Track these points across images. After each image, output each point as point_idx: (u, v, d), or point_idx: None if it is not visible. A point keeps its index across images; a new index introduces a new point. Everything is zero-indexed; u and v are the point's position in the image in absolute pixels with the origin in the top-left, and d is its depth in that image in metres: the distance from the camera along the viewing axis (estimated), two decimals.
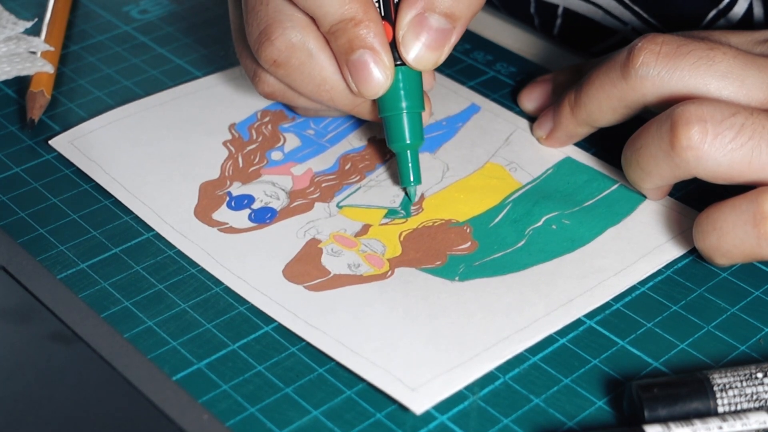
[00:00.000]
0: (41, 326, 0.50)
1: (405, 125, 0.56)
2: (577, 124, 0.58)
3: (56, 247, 0.55)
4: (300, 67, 0.55)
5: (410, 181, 0.57)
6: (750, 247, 0.50)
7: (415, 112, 0.56)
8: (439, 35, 0.54)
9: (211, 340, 0.50)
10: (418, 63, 0.55)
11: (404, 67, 0.55)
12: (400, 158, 0.57)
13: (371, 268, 0.53)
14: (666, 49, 0.53)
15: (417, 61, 0.55)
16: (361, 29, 0.54)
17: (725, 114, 0.50)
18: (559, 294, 0.52)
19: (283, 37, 0.55)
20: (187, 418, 0.46)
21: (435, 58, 0.55)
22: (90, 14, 0.72)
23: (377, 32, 0.54)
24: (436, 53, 0.55)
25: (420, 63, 0.55)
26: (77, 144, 0.61)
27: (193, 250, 0.54)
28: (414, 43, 0.54)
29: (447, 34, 0.54)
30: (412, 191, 0.57)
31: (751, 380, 0.46)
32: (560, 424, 0.46)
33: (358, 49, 0.54)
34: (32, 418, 0.47)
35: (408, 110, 0.56)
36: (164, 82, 0.66)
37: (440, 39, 0.54)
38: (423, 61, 0.55)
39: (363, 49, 0.54)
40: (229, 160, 0.60)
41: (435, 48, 0.55)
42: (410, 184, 0.57)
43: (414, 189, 0.57)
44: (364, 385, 0.48)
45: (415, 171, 0.57)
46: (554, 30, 0.69)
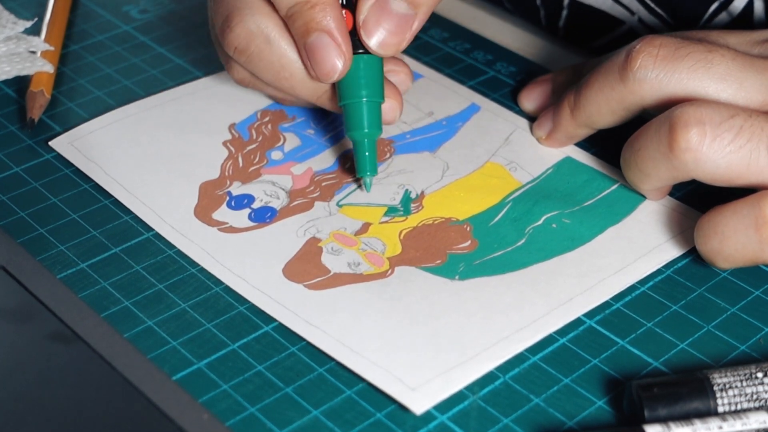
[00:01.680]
0: (41, 326, 0.50)
1: (364, 114, 0.56)
2: (576, 125, 0.58)
3: (56, 247, 0.55)
4: (259, 54, 0.56)
5: (366, 171, 0.57)
6: (752, 252, 0.50)
7: (375, 101, 0.56)
8: (401, 21, 0.55)
9: (211, 340, 0.50)
10: (379, 48, 0.55)
11: (365, 56, 0.55)
12: (358, 147, 0.57)
13: (371, 267, 0.53)
14: (664, 51, 0.53)
15: (379, 46, 0.55)
16: (317, 12, 0.54)
17: (724, 116, 0.50)
18: (559, 293, 0.52)
19: (242, 24, 0.55)
20: (187, 418, 0.46)
21: (397, 44, 0.55)
22: (90, 14, 0.72)
23: (334, 15, 0.54)
24: (397, 38, 0.55)
25: (382, 48, 0.55)
26: (77, 145, 0.61)
27: (193, 250, 0.54)
28: (375, 28, 0.54)
29: (409, 19, 0.55)
30: (368, 182, 0.57)
31: (751, 380, 0.46)
32: (560, 424, 0.47)
33: (314, 31, 0.54)
34: (32, 418, 0.47)
35: (367, 99, 0.56)
36: (164, 82, 0.66)
37: (402, 24, 0.55)
38: (385, 47, 0.55)
39: (319, 32, 0.54)
40: (229, 160, 0.60)
41: (397, 33, 0.55)
42: (366, 174, 0.57)
43: (370, 180, 0.57)
44: (364, 385, 0.48)
45: (372, 161, 0.57)
46: (560, 22, 0.69)
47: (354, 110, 0.56)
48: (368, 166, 0.57)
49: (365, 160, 0.56)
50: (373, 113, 0.56)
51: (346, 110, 0.56)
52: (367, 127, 0.56)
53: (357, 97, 0.56)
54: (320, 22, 0.54)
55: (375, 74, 0.56)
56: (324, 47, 0.54)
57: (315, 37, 0.54)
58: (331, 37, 0.54)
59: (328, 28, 0.54)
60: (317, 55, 0.54)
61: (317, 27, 0.54)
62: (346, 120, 0.56)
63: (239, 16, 0.55)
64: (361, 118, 0.56)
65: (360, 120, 0.56)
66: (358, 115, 0.56)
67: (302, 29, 0.54)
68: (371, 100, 0.56)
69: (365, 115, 0.56)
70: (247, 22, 0.55)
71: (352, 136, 0.56)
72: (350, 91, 0.56)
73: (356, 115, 0.56)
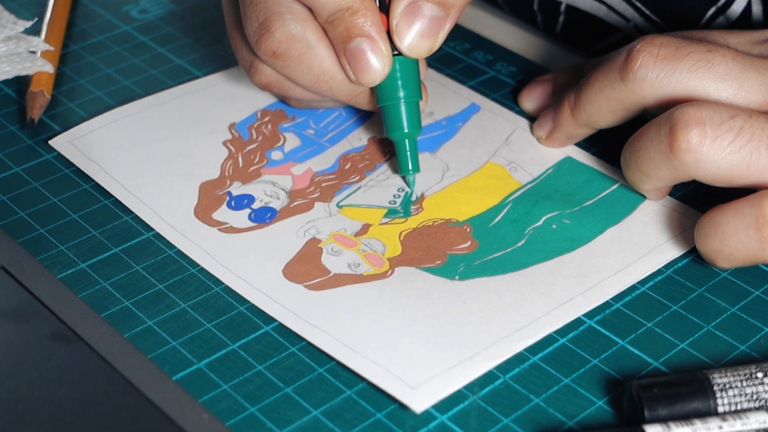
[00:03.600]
0: (41, 326, 0.50)
1: (403, 114, 0.56)
2: (576, 125, 0.58)
3: (56, 247, 0.55)
4: (299, 58, 0.56)
5: (409, 169, 0.57)
6: (752, 251, 0.50)
7: (413, 101, 0.57)
8: (433, 23, 0.55)
9: (211, 340, 0.50)
10: (411, 51, 0.55)
11: (401, 57, 0.56)
12: (399, 147, 0.57)
13: (371, 268, 0.53)
14: (664, 51, 0.53)
15: (411, 49, 0.55)
16: (358, 18, 0.54)
17: (724, 116, 0.50)
18: (559, 293, 0.52)
19: (283, 28, 0.55)
20: (187, 418, 0.46)
21: (429, 46, 0.55)
22: (90, 14, 0.72)
23: (374, 21, 0.54)
24: (429, 41, 0.55)
25: (414, 51, 0.55)
26: (77, 144, 0.61)
27: (193, 250, 0.54)
28: (407, 31, 0.55)
29: (440, 21, 0.55)
30: (411, 180, 0.58)
31: (751, 380, 0.46)
32: (560, 424, 0.47)
33: (355, 37, 0.54)
34: (32, 418, 0.47)
35: (405, 99, 0.56)
36: (164, 82, 0.66)
37: (434, 27, 0.55)
38: (417, 49, 0.55)
39: (360, 38, 0.54)
40: (229, 160, 0.60)
41: (428, 36, 0.55)
42: (409, 172, 0.58)
43: (413, 177, 0.58)
44: (364, 384, 0.48)
45: (414, 159, 0.57)
46: (557, 27, 0.69)
47: (393, 111, 0.57)
48: (411, 164, 0.57)
49: (407, 159, 0.57)
50: (412, 113, 0.57)
51: (386, 112, 0.57)
52: (407, 127, 0.57)
53: (395, 99, 0.56)
54: (362, 28, 0.54)
55: (411, 74, 0.56)
56: (365, 52, 0.55)
57: (357, 42, 0.54)
58: (372, 42, 0.54)
59: (369, 34, 0.54)
60: (359, 61, 0.55)
61: (359, 33, 0.54)
62: (386, 121, 0.57)
63: (280, 20, 0.55)
64: (400, 120, 0.57)
65: (399, 121, 0.57)
66: (397, 116, 0.57)
67: (344, 35, 0.55)
68: (409, 100, 0.56)
69: (404, 115, 0.57)
70: (289, 26, 0.55)
71: (394, 137, 0.57)
72: (389, 93, 0.56)
73: (395, 116, 0.57)
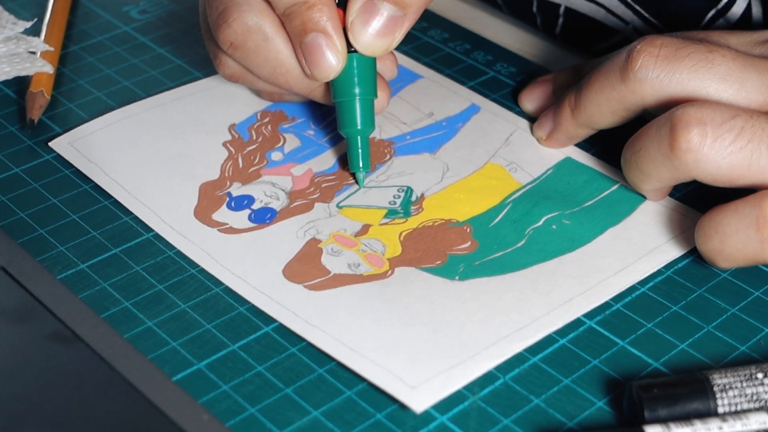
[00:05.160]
0: (41, 326, 0.50)
1: (357, 111, 0.57)
2: (577, 125, 0.58)
3: (56, 247, 0.55)
4: (256, 50, 0.56)
5: (359, 167, 0.58)
6: (753, 251, 0.50)
7: (368, 98, 0.57)
8: (389, 22, 0.55)
9: (211, 341, 0.50)
10: (366, 49, 0.55)
11: (358, 54, 0.56)
12: (351, 144, 0.58)
13: (371, 268, 0.53)
14: (665, 51, 0.53)
15: (366, 47, 0.55)
16: (314, 12, 0.54)
17: (725, 117, 0.50)
18: (559, 293, 0.52)
19: (240, 19, 0.56)
20: (187, 418, 0.46)
21: (385, 45, 0.55)
22: (90, 14, 0.72)
23: (330, 16, 0.55)
24: (386, 40, 0.55)
25: (369, 49, 0.55)
26: (77, 145, 0.61)
27: (193, 251, 0.54)
28: (363, 29, 0.55)
29: (397, 21, 0.55)
30: (361, 177, 0.58)
31: (751, 380, 0.46)
32: (560, 424, 0.47)
33: (311, 31, 0.55)
34: (32, 418, 0.47)
35: (361, 96, 0.57)
36: (164, 83, 0.66)
37: (390, 26, 0.55)
38: (372, 48, 0.55)
39: (316, 32, 0.55)
40: (229, 161, 0.60)
41: (384, 35, 0.55)
42: (359, 170, 0.58)
43: (363, 175, 0.58)
44: (364, 385, 0.48)
45: (365, 157, 0.58)
46: (556, 29, 0.69)
47: (347, 108, 0.57)
48: (362, 161, 0.58)
49: (358, 156, 0.58)
50: (366, 110, 0.57)
51: (340, 107, 0.57)
52: (360, 124, 0.57)
53: (350, 96, 0.57)
54: (317, 23, 0.54)
55: (368, 71, 0.57)
56: (320, 47, 0.55)
57: (312, 37, 0.55)
58: (327, 37, 0.55)
59: (325, 29, 0.54)
60: (314, 55, 0.55)
61: (314, 27, 0.54)
62: (339, 117, 0.57)
63: (237, 11, 0.56)
64: (353, 116, 0.57)
65: (353, 118, 0.57)
66: (351, 113, 0.57)
67: (299, 29, 0.55)
68: (364, 97, 0.57)
69: (358, 112, 0.57)
70: (245, 18, 0.55)
71: (346, 133, 0.57)
72: (343, 89, 0.57)
73: (349, 112, 0.57)
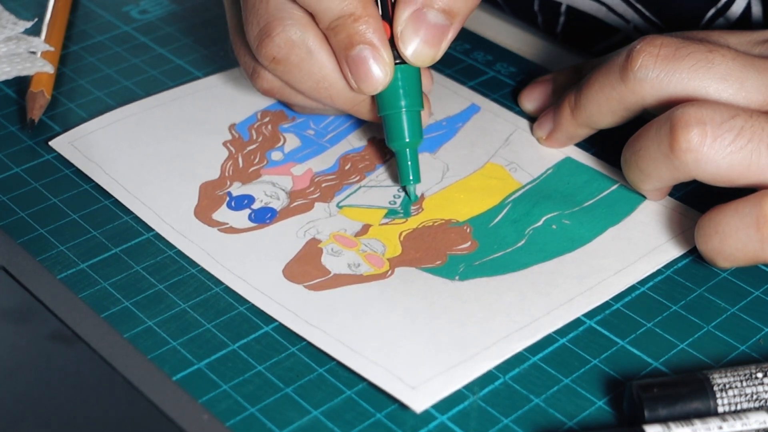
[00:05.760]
0: (41, 326, 0.50)
1: (404, 124, 0.56)
2: (577, 125, 0.58)
3: (56, 247, 0.55)
4: (299, 64, 0.56)
5: (410, 179, 0.57)
6: (753, 251, 0.50)
7: (415, 110, 0.56)
8: (437, 31, 0.55)
9: (211, 340, 0.50)
10: (416, 58, 0.55)
11: (403, 66, 0.56)
12: (400, 157, 0.57)
13: (371, 268, 0.53)
14: (665, 51, 0.53)
15: (415, 56, 0.55)
16: (360, 25, 0.54)
17: (725, 116, 0.50)
18: (559, 293, 0.52)
19: (284, 34, 0.55)
20: (187, 418, 0.46)
21: (433, 54, 0.55)
22: (90, 14, 0.72)
23: (376, 28, 0.54)
24: (433, 49, 0.55)
25: (418, 58, 0.55)
26: (77, 145, 0.61)
27: (193, 251, 0.54)
28: (412, 38, 0.55)
29: (444, 29, 0.55)
30: (412, 190, 0.57)
31: (751, 380, 0.46)
32: (560, 424, 0.47)
33: (357, 44, 0.54)
34: (32, 418, 0.47)
35: (407, 108, 0.56)
36: (164, 83, 0.66)
37: (438, 35, 0.55)
38: (421, 57, 0.55)
39: (362, 45, 0.54)
40: (229, 161, 0.60)
41: (433, 43, 0.55)
42: (410, 182, 0.57)
43: (414, 187, 0.57)
44: (364, 385, 0.48)
45: (415, 169, 0.57)
46: (557, 28, 0.69)
47: (395, 121, 0.56)
48: (412, 174, 0.57)
49: (408, 169, 0.57)
50: (414, 122, 0.56)
51: (387, 121, 0.56)
52: (408, 137, 0.56)
53: (397, 108, 0.56)
54: (364, 35, 0.54)
55: (413, 83, 0.56)
56: (367, 60, 0.54)
57: (359, 50, 0.54)
58: (374, 49, 0.54)
59: (372, 41, 0.54)
60: (361, 68, 0.55)
61: (361, 40, 0.54)
62: (387, 130, 0.56)
63: (280, 26, 0.55)
64: (401, 129, 0.56)
65: (400, 130, 0.56)
66: (398, 126, 0.56)
67: (345, 42, 0.54)
68: (411, 109, 0.56)
69: (406, 125, 0.56)
70: (289, 31, 0.55)
71: (395, 147, 0.57)
72: (390, 102, 0.56)
73: (397, 125, 0.56)
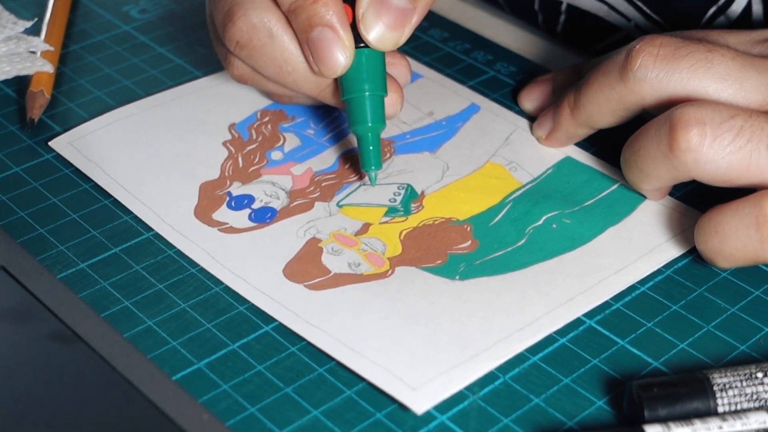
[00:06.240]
0: (41, 326, 0.50)
1: (367, 108, 0.56)
2: (576, 125, 0.58)
3: (56, 247, 0.55)
4: (261, 48, 0.56)
5: (371, 165, 0.57)
6: (753, 251, 0.50)
7: (378, 95, 0.56)
8: (401, 15, 0.55)
9: (211, 340, 0.50)
10: (378, 42, 0.55)
11: (367, 50, 0.55)
12: (362, 142, 0.56)
13: (371, 267, 0.53)
14: (664, 51, 0.53)
15: (378, 40, 0.55)
16: (320, 6, 0.54)
17: (724, 116, 0.50)
18: (559, 293, 0.52)
19: (245, 18, 0.55)
20: (187, 418, 0.46)
21: (396, 38, 0.55)
22: (90, 14, 0.72)
23: (336, 10, 0.54)
24: (396, 33, 0.55)
25: (381, 42, 0.55)
26: (77, 145, 0.61)
27: (193, 250, 0.54)
28: (374, 22, 0.54)
29: (408, 13, 0.55)
30: (373, 176, 0.57)
31: (751, 380, 0.46)
32: (560, 424, 0.47)
33: (317, 26, 0.54)
34: (32, 418, 0.47)
35: (370, 93, 0.56)
36: (164, 82, 0.66)
37: (401, 18, 0.55)
38: (384, 41, 0.55)
39: (322, 27, 0.54)
40: (229, 160, 0.60)
41: (396, 27, 0.55)
42: (371, 168, 0.57)
43: (375, 173, 0.57)
44: (364, 385, 0.48)
45: (377, 155, 0.57)
46: (558, 27, 0.69)
47: (357, 104, 0.56)
48: (373, 160, 0.57)
49: (369, 154, 0.56)
50: (377, 107, 0.56)
51: (349, 105, 0.56)
52: (370, 121, 0.56)
53: (360, 92, 0.56)
54: (323, 17, 0.54)
55: (377, 68, 0.56)
56: (327, 42, 0.54)
57: (318, 32, 0.54)
58: (334, 31, 0.54)
59: (331, 23, 0.54)
60: (320, 50, 0.54)
61: (320, 22, 0.54)
62: (350, 114, 0.56)
63: (241, 10, 0.55)
64: (364, 113, 0.56)
65: (363, 114, 0.56)
66: (361, 110, 0.56)
67: (305, 24, 0.54)
68: (374, 93, 0.56)
69: (368, 109, 0.56)
70: (250, 16, 0.55)
71: (356, 131, 0.56)
72: (353, 86, 0.56)
73: (359, 109, 0.56)
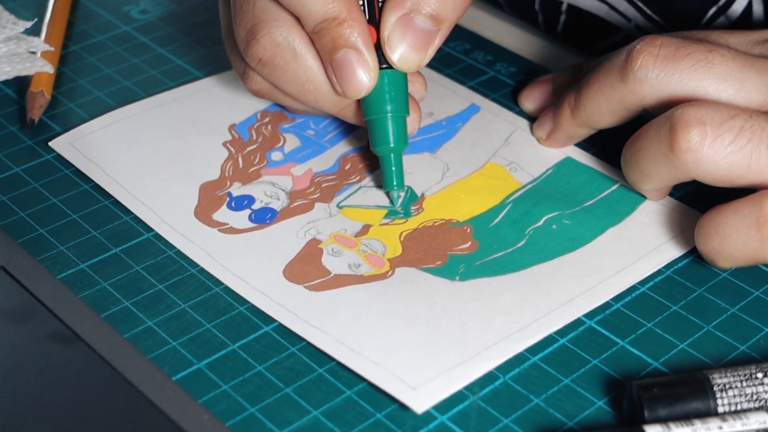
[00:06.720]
0: (41, 326, 0.50)
1: (390, 129, 0.56)
2: (576, 125, 0.58)
3: (56, 247, 0.55)
4: (284, 66, 0.56)
5: (393, 185, 0.57)
6: (753, 251, 0.50)
7: (400, 115, 0.56)
8: (424, 36, 0.54)
9: (211, 340, 0.50)
10: (402, 63, 0.55)
11: (390, 71, 0.55)
12: (384, 162, 0.57)
13: (372, 268, 0.53)
14: (664, 51, 0.53)
15: (402, 61, 0.55)
16: (345, 28, 0.54)
17: (724, 116, 0.50)
18: (559, 293, 0.52)
19: (269, 36, 0.55)
20: (187, 418, 0.46)
21: (419, 59, 0.55)
22: (90, 14, 0.72)
23: (361, 32, 0.54)
24: (420, 54, 0.55)
25: (405, 63, 0.55)
26: (77, 145, 0.61)
27: (193, 251, 0.54)
28: (399, 43, 0.54)
29: (432, 35, 0.55)
30: (395, 195, 0.57)
31: (751, 380, 0.46)
32: (560, 424, 0.47)
33: (341, 48, 0.54)
34: (32, 418, 0.47)
35: (393, 114, 0.56)
36: (164, 83, 0.66)
37: (425, 40, 0.55)
38: (408, 62, 0.55)
39: (346, 49, 0.54)
40: (229, 161, 0.60)
41: (420, 49, 0.55)
42: (393, 188, 0.57)
43: (397, 193, 0.57)
44: (364, 385, 0.48)
45: (398, 175, 0.57)
46: (558, 27, 0.69)
47: (380, 126, 0.56)
48: (396, 180, 0.57)
49: (392, 174, 0.57)
50: (399, 128, 0.56)
51: (372, 125, 0.56)
52: (393, 142, 0.56)
53: (382, 113, 0.56)
54: (348, 39, 0.54)
55: (399, 89, 0.56)
56: (351, 64, 0.54)
57: (342, 53, 0.54)
58: (359, 53, 0.54)
59: (356, 45, 0.54)
60: (345, 72, 0.54)
61: (345, 44, 0.54)
62: (372, 135, 0.56)
63: (265, 28, 0.55)
64: (386, 134, 0.56)
65: (386, 135, 0.56)
66: (383, 131, 0.56)
67: (329, 45, 0.54)
68: (396, 114, 0.56)
69: (391, 130, 0.56)
70: (274, 34, 0.55)
71: (379, 152, 0.56)
72: (375, 107, 0.56)
73: (382, 130, 0.56)
